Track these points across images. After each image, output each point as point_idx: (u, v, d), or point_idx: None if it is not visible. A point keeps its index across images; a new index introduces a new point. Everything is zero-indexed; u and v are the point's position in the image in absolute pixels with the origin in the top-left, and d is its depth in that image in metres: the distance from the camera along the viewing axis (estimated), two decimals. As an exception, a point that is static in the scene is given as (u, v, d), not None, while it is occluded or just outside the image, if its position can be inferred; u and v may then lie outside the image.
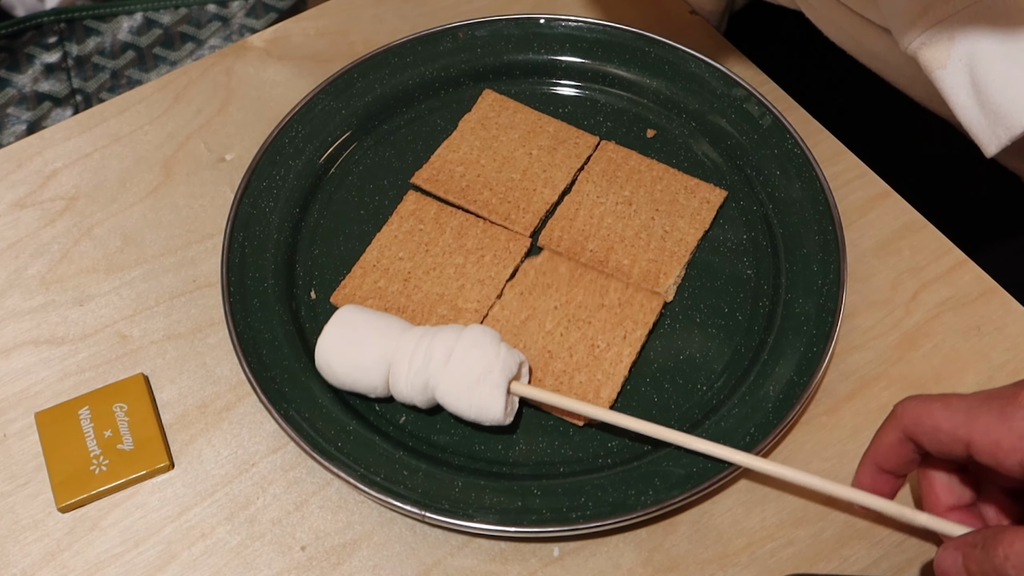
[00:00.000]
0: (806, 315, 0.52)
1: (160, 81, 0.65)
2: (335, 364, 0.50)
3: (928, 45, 0.49)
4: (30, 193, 0.60)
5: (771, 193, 0.57)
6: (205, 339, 0.55)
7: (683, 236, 0.56)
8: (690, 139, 0.60)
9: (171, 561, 0.48)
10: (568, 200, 0.58)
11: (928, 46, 0.49)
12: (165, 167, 0.61)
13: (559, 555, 0.48)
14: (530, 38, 0.63)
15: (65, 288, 0.57)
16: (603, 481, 0.48)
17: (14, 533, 0.49)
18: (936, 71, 0.50)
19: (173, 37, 0.81)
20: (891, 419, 0.45)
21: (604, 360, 0.52)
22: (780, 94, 0.63)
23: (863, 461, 0.47)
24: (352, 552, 0.48)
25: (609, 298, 0.53)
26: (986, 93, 0.48)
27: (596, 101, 0.62)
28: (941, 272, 0.56)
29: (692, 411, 0.51)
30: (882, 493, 0.46)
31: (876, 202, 0.58)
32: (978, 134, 0.50)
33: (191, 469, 0.51)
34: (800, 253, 0.55)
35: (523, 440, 0.51)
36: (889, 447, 0.45)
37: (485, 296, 0.54)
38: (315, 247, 0.57)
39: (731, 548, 0.48)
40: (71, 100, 0.79)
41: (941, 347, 0.53)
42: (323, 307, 0.55)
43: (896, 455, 0.45)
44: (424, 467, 0.49)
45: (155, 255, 0.58)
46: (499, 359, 0.48)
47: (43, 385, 0.53)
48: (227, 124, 0.63)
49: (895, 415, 0.44)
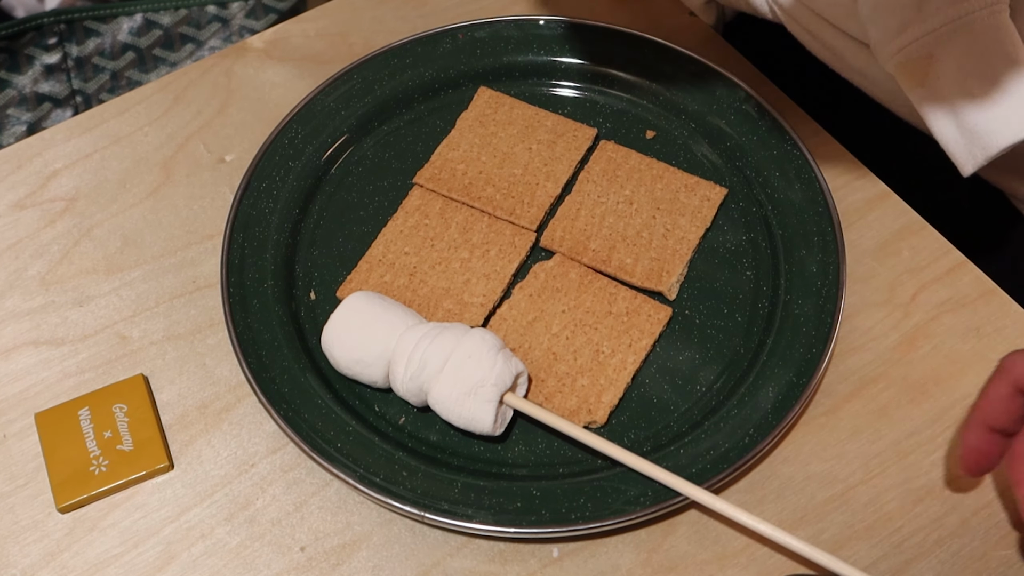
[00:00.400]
0: (805, 316, 0.52)
1: (160, 82, 0.65)
2: (338, 355, 0.50)
3: (906, 62, 0.49)
4: (30, 194, 0.60)
5: (770, 194, 0.57)
6: (205, 340, 0.55)
7: (685, 234, 0.56)
8: (689, 140, 0.60)
9: (171, 561, 0.48)
10: (569, 200, 0.58)
11: (906, 63, 0.49)
12: (165, 168, 0.61)
13: (558, 556, 0.48)
14: (529, 39, 0.63)
15: (65, 289, 0.57)
16: (602, 482, 0.48)
17: (14, 533, 0.49)
18: (914, 88, 0.50)
19: (173, 38, 0.81)
20: (999, 373, 0.44)
21: (608, 366, 0.52)
22: (779, 95, 0.63)
23: (970, 423, 0.46)
24: (351, 553, 0.48)
25: (617, 306, 0.53)
26: (963, 112, 0.48)
27: (596, 102, 0.62)
28: (940, 273, 0.56)
29: (691, 411, 0.51)
30: (991, 455, 0.45)
31: (875, 203, 0.58)
32: (955, 153, 0.49)
33: (191, 470, 0.51)
34: (799, 254, 0.55)
35: (522, 441, 0.51)
36: (999, 403, 0.44)
37: (491, 290, 0.54)
38: (315, 248, 0.57)
39: (730, 549, 0.48)
40: (71, 101, 0.80)
41: (940, 348, 0.53)
42: (322, 307, 0.55)
43: (1007, 411, 0.44)
44: (423, 468, 0.49)
45: (155, 256, 0.58)
46: (494, 371, 0.48)
47: (43, 386, 0.53)
48: (227, 125, 0.63)
49: (1003, 369, 0.43)
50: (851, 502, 0.49)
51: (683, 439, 0.50)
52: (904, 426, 0.51)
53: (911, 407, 0.52)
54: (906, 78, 0.49)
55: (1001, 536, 0.48)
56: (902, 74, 0.50)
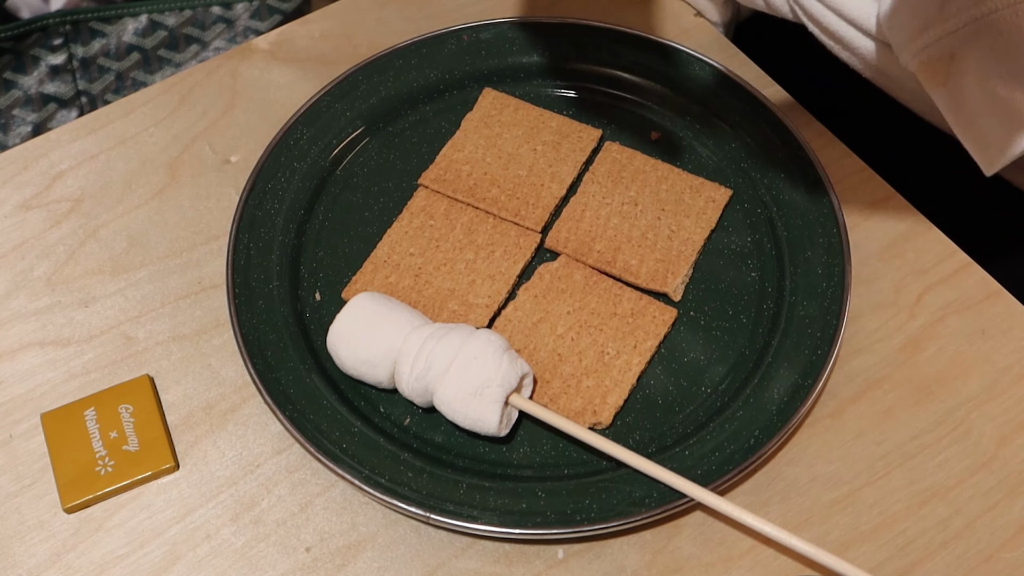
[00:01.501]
0: (810, 318, 0.52)
1: (165, 83, 0.65)
2: (344, 355, 0.50)
3: (928, 62, 0.49)
4: (36, 194, 0.60)
5: (775, 196, 0.57)
6: (210, 340, 0.55)
7: (690, 235, 0.56)
8: (694, 141, 0.60)
9: (176, 562, 0.48)
10: (574, 201, 0.58)
11: (928, 63, 0.49)
12: (170, 169, 0.61)
13: (563, 557, 0.48)
14: (534, 40, 0.63)
15: (71, 289, 0.57)
16: (607, 483, 0.48)
17: (20, 534, 0.49)
18: (935, 88, 0.49)
19: (178, 39, 0.82)
20: None
21: (613, 367, 0.52)
22: (784, 97, 0.63)
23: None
24: (357, 553, 0.48)
25: (622, 307, 0.53)
26: (985, 112, 0.48)
27: (600, 103, 0.62)
28: (945, 275, 0.56)
29: (697, 413, 0.51)
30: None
31: (880, 205, 0.58)
32: (976, 153, 0.49)
33: (196, 470, 0.51)
34: (804, 256, 0.55)
35: (527, 442, 0.51)
36: None
37: (496, 291, 0.54)
38: (320, 249, 0.57)
39: (735, 550, 0.48)
40: (76, 102, 0.80)
41: (946, 350, 0.53)
42: (328, 308, 0.55)
43: None
44: (428, 468, 0.49)
45: (160, 257, 0.58)
46: (499, 372, 0.48)
47: (49, 386, 0.54)
48: (232, 126, 0.63)
49: None
50: (856, 504, 0.49)
51: (688, 440, 0.50)
52: (909, 428, 0.51)
53: (916, 409, 0.52)
54: (928, 78, 0.49)
55: (1007, 538, 0.48)
56: (924, 74, 0.49)
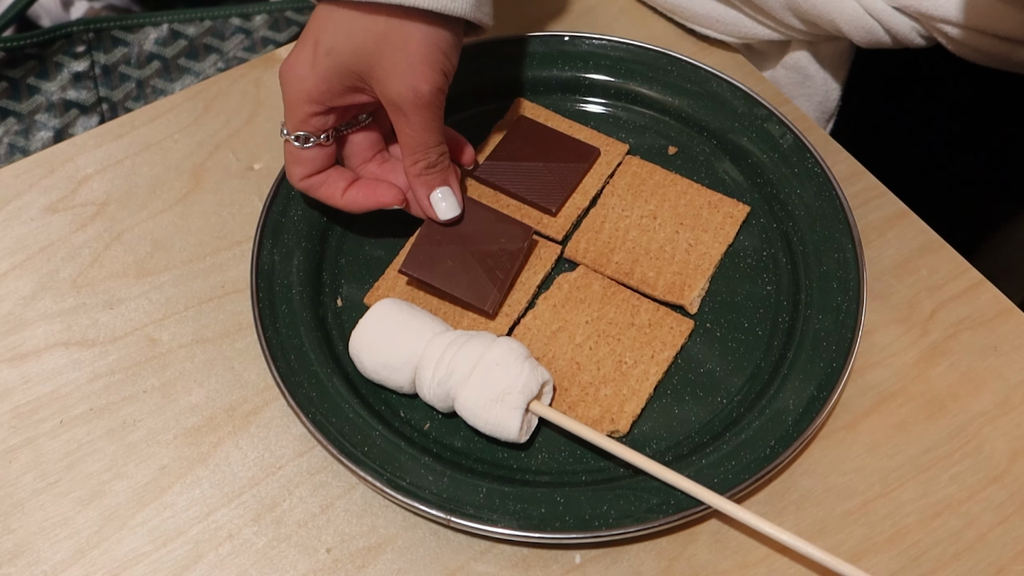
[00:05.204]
0: (826, 331, 0.53)
1: (190, 91, 0.66)
2: (366, 359, 0.51)
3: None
4: (62, 198, 0.61)
5: (791, 211, 0.58)
6: (233, 344, 0.56)
7: (707, 250, 0.57)
8: (711, 157, 0.61)
9: (198, 561, 0.49)
10: (594, 213, 0.59)
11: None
12: (194, 175, 0.62)
13: (580, 562, 0.49)
14: (554, 55, 0.65)
15: (96, 291, 0.57)
16: (625, 490, 0.49)
17: (44, 530, 0.50)
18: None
19: (197, 48, 0.83)
20: None
21: (631, 376, 0.52)
22: (800, 114, 0.64)
23: None
24: (376, 555, 0.49)
25: (640, 318, 0.54)
26: None
27: (619, 118, 0.63)
28: (958, 292, 0.56)
29: (713, 423, 0.52)
30: None
31: (894, 222, 0.59)
32: None
33: (218, 471, 0.51)
34: (819, 270, 0.56)
35: (545, 449, 0.51)
36: None
37: (516, 301, 0.55)
38: (341, 256, 0.58)
39: (751, 558, 0.48)
40: (97, 108, 0.81)
41: (958, 365, 0.54)
42: (349, 314, 0.56)
43: None
44: (448, 473, 0.49)
45: (184, 261, 0.59)
46: (520, 379, 0.48)
47: (73, 386, 0.54)
48: (255, 134, 0.64)
49: None
50: (869, 515, 0.50)
51: (704, 449, 0.50)
52: (922, 441, 0.52)
53: (929, 423, 0.52)
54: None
55: (1019, 551, 0.48)
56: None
